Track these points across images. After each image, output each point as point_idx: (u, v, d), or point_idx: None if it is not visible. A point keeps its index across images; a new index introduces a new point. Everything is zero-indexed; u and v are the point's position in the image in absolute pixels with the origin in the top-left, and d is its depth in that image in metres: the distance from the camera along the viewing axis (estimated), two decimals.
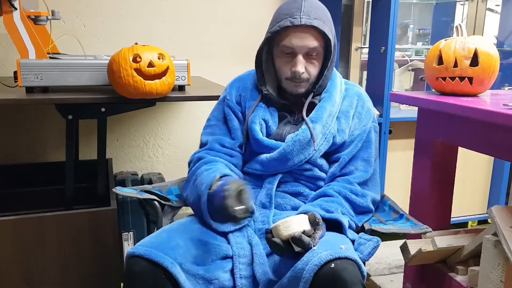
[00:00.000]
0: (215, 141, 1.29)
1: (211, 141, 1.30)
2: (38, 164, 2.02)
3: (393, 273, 1.87)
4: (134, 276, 1.00)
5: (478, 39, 1.28)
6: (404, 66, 2.64)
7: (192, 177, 1.23)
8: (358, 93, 1.32)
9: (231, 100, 1.33)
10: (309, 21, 1.15)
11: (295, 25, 1.16)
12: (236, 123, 1.31)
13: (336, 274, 0.93)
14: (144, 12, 2.11)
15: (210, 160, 1.24)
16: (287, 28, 1.18)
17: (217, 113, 1.36)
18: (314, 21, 1.16)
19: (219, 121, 1.34)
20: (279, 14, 1.20)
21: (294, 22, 1.15)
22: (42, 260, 1.47)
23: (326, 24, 1.19)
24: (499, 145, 1.15)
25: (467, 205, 2.51)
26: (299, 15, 1.15)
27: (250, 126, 1.26)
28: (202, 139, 1.34)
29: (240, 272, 1.11)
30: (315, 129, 1.22)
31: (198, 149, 1.34)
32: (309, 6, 1.17)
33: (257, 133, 1.25)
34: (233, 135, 1.30)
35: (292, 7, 1.18)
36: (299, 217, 1.01)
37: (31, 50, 1.50)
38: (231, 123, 1.31)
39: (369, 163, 1.27)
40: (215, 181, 1.08)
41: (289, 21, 1.16)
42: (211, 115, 1.37)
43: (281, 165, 1.23)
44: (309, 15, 1.16)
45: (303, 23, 1.15)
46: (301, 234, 0.98)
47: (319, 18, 1.18)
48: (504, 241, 1.06)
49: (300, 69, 1.20)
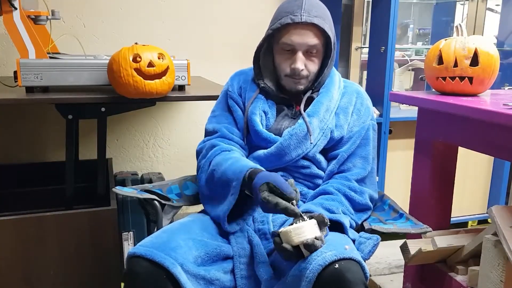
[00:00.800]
0: (226, 129, 1.29)
1: (222, 129, 1.29)
2: (38, 164, 2.02)
3: (393, 273, 1.87)
4: (135, 277, 1.00)
5: (478, 39, 1.28)
6: (404, 66, 2.64)
7: (209, 166, 1.21)
8: (357, 91, 1.33)
9: (233, 92, 1.34)
10: (309, 18, 1.16)
11: (295, 22, 1.17)
12: (241, 113, 1.31)
13: (340, 275, 0.93)
14: (144, 12, 2.11)
15: (228, 149, 1.24)
16: (287, 25, 1.19)
17: (222, 105, 1.36)
18: (315, 18, 1.17)
19: (225, 111, 1.34)
20: (280, 12, 1.22)
21: (295, 19, 1.16)
22: (42, 260, 1.47)
23: (326, 22, 1.20)
24: (499, 145, 1.15)
25: (467, 205, 2.51)
26: (299, 13, 1.17)
27: (250, 117, 1.27)
28: (209, 127, 1.33)
29: (241, 272, 1.11)
30: (312, 123, 1.23)
31: (205, 137, 1.33)
32: (309, 4, 1.18)
33: (257, 124, 1.26)
34: (239, 125, 1.31)
35: (293, 5, 1.19)
36: (310, 224, 0.99)
37: (31, 50, 1.50)
38: (235, 114, 1.32)
39: (367, 160, 1.27)
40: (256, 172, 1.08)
41: (289, 18, 1.17)
42: (215, 107, 1.38)
43: (278, 160, 1.24)
44: (310, 12, 1.17)
45: (303, 20, 1.16)
46: (313, 240, 0.97)
47: (319, 16, 1.19)
48: (504, 241, 1.06)
49: (299, 66, 1.21)
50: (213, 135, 1.31)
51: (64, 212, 1.50)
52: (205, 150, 1.28)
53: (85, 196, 1.77)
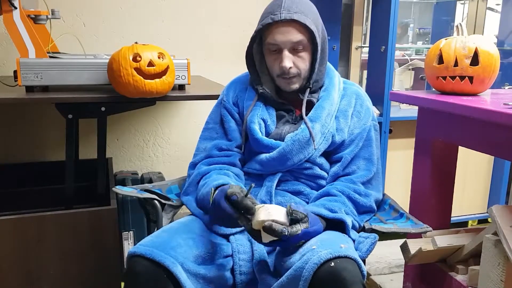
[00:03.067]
0: (213, 147, 1.30)
1: (209, 148, 1.31)
2: (38, 163, 2.02)
3: (393, 272, 1.88)
4: (135, 276, 1.00)
5: (478, 38, 1.28)
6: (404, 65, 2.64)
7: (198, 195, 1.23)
8: (356, 92, 1.32)
9: (228, 102, 1.33)
10: (288, 15, 1.16)
11: (275, 21, 1.17)
12: (233, 124, 1.31)
13: (336, 273, 0.93)
14: (144, 11, 2.10)
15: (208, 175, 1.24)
16: (269, 26, 1.19)
17: (214, 116, 1.36)
18: (294, 14, 1.16)
19: (216, 123, 1.34)
20: (263, 13, 1.22)
21: (274, 18, 1.16)
22: (42, 259, 1.47)
23: (308, 17, 1.18)
24: (499, 144, 1.15)
25: (467, 205, 2.51)
26: (279, 11, 1.17)
27: (249, 126, 1.26)
28: (200, 146, 1.35)
29: (240, 268, 1.11)
30: (314, 128, 1.22)
31: (195, 152, 1.34)
32: (290, 2, 1.18)
33: (256, 132, 1.25)
34: (229, 136, 1.31)
35: (274, 5, 1.19)
36: (278, 209, 1.01)
37: (31, 49, 1.50)
38: (227, 125, 1.31)
39: (371, 161, 1.27)
40: (212, 194, 1.08)
41: (270, 18, 1.17)
42: (209, 118, 1.38)
43: (280, 164, 1.23)
44: (289, 10, 1.17)
45: (282, 18, 1.16)
46: (271, 223, 0.97)
47: (300, 11, 1.18)
48: (505, 240, 1.06)
49: (286, 64, 1.20)
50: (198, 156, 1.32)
51: (64, 212, 1.50)
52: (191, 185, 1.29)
53: (85, 195, 1.77)
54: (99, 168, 1.61)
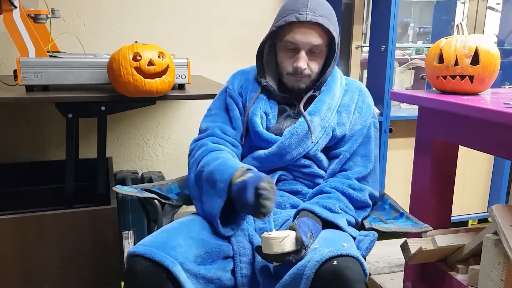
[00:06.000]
0: (217, 127, 1.29)
1: (213, 127, 1.29)
2: (38, 162, 2.02)
3: (394, 271, 1.87)
4: (135, 275, 1.00)
5: (478, 38, 1.28)
6: (404, 65, 2.64)
7: (197, 167, 1.21)
8: (359, 88, 1.32)
9: (233, 90, 1.33)
10: (314, 17, 1.15)
11: (300, 21, 1.16)
12: (237, 113, 1.31)
13: (338, 271, 0.93)
14: (144, 10, 2.10)
15: (214, 148, 1.22)
16: (292, 24, 1.18)
17: (219, 103, 1.35)
18: (320, 18, 1.16)
19: (221, 110, 1.33)
20: (285, 9, 1.21)
21: (300, 18, 1.16)
22: (42, 259, 1.47)
23: (331, 22, 1.19)
24: (499, 143, 1.15)
25: (467, 204, 2.51)
26: (305, 11, 1.16)
27: (251, 118, 1.26)
28: (202, 126, 1.33)
29: (241, 271, 1.11)
30: (313, 122, 1.22)
31: (198, 135, 1.32)
32: (315, 3, 1.18)
33: (257, 125, 1.25)
34: (234, 125, 1.30)
35: (299, 3, 1.18)
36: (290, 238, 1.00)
37: (31, 48, 1.50)
38: (232, 113, 1.31)
39: (368, 158, 1.27)
40: (240, 171, 1.08)
41: (294, 17, 1.16)
42: (212, 105, 1.37)
43: (279, 159, 1.23)
44: (315, 12, 1.16)
45: (308, 19, 1.15)
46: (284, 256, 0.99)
47: (325, 15, 1.18)
48: (505, 239, 1.06)
49: (302, 65, 1.20)
50: (205, 133, 1.30)
51: (64, 211, 1.50)
52: (194, 150, 1.27)
53: (85, 195, 1.77)
54: (99, 167, 1.62)
